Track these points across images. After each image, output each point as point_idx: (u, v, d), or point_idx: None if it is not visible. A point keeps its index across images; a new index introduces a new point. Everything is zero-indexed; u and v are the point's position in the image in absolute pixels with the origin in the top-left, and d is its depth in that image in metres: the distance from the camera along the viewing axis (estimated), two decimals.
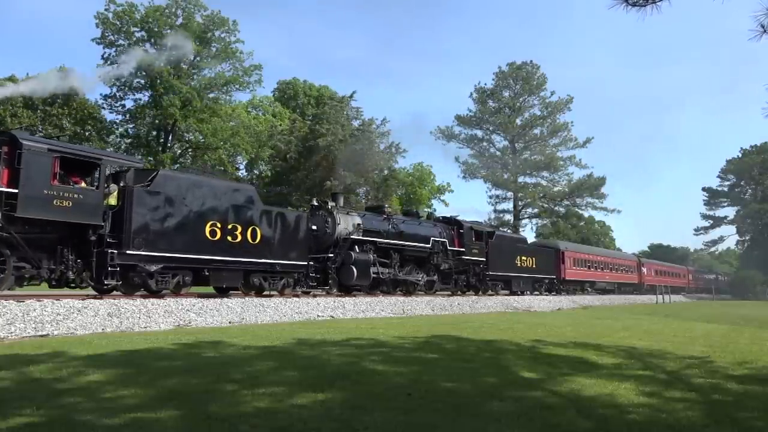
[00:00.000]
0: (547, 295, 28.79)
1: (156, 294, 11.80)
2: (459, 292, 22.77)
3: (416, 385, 5.19)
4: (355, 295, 16.89)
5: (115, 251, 10.74)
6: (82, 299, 10.41)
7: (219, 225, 12.66)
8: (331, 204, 17.56)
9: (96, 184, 10.84)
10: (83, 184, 10.73)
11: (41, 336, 8.56)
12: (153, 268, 11.49)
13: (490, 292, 24.58)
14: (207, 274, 12.58)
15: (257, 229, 13.55)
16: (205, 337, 8.49)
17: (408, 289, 19.72)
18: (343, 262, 16.65)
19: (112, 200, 11.12)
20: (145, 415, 3.95)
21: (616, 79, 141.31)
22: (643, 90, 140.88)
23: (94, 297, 11.01)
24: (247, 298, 13.27)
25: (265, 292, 14.30)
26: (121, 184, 11.40)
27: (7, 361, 5.95)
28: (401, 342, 8.56)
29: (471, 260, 22.87)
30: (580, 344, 9.00)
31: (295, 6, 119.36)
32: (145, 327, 9.97)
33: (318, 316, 13.35)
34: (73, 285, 10.95)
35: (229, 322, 11.31)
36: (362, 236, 17.41)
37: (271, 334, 9.14)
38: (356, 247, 17.15)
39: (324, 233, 16.75)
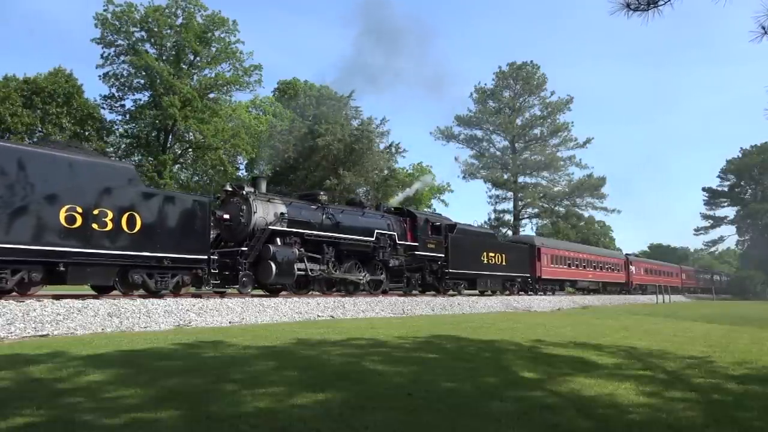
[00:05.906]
0: (523, 295, 27.03)
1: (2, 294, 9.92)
2: (414, 292, 20.45)
3: (416, 385, 5.19)
4: (281, 295, 15.25)
5: None
6: (83, 299, 10.41)
7: (80, 209, 10.41)
8: (247, 190, 15.12)
9: None
10: None
11: (41, 336, 8.55)
12: None
13: (451, 291, 22.46)
14: (63, 269, 10.31)
15: (136, 215, 11.29)
16: (205, 337, 8.49)
17: (347, 288, 17.49)
18: (260, 257, 14.37)
19: None
20: (145, 415, 3.95)
21: (616, 78, 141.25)
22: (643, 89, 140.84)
23: (94, 297, 11.00)
24: (246, 299, 13.20)
25: (162, 292, 12.11)
26: None
27: (7, 361, 5.94)
28: (401, 342, 8.55)
29: (427, 256, 20.58)
30: (580, 344, 9.00)
31: (295, 5, 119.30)
32: (145, 327, 9.97)
33: (318, 316, 13.35)
34: None
35: (229, 322, 11.31)
36: (286, 227, 15.25)
37: (271, 334, 9.13)
38: (278, 239, 14.90)
39: (238, 223, 14.56)
